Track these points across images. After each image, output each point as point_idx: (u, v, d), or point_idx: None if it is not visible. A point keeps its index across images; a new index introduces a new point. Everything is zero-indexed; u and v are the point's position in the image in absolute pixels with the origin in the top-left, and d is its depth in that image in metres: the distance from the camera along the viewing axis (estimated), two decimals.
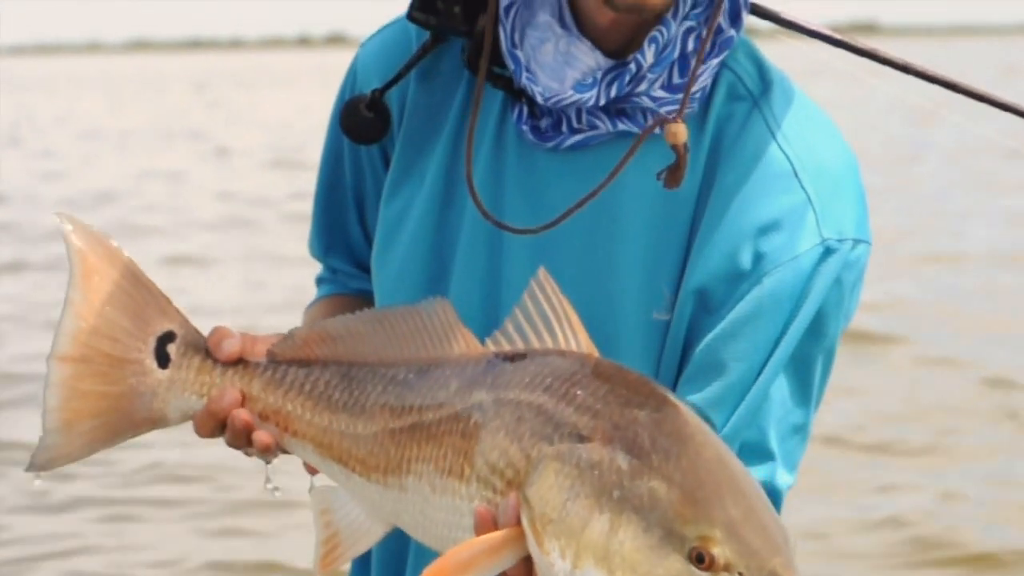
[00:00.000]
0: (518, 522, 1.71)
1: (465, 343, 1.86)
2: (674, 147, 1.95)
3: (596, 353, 1.81)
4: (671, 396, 1.76)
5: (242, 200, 17.57)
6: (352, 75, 2.24)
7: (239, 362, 1.98)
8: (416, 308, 1.90)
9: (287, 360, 1.96)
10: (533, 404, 1.74)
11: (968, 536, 6.00)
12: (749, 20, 2.10)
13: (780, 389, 2.02)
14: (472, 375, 1.82)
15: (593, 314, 1.96)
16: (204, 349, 1.98)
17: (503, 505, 1.74)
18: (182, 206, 17.11)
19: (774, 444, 2.03)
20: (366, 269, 2.27)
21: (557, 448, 1.70)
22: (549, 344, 1.80)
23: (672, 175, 1.96)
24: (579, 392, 1.73)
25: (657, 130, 1.99)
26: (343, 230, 2.31)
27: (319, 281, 2.39)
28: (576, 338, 1.80)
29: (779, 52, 2.24)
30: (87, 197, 18.02)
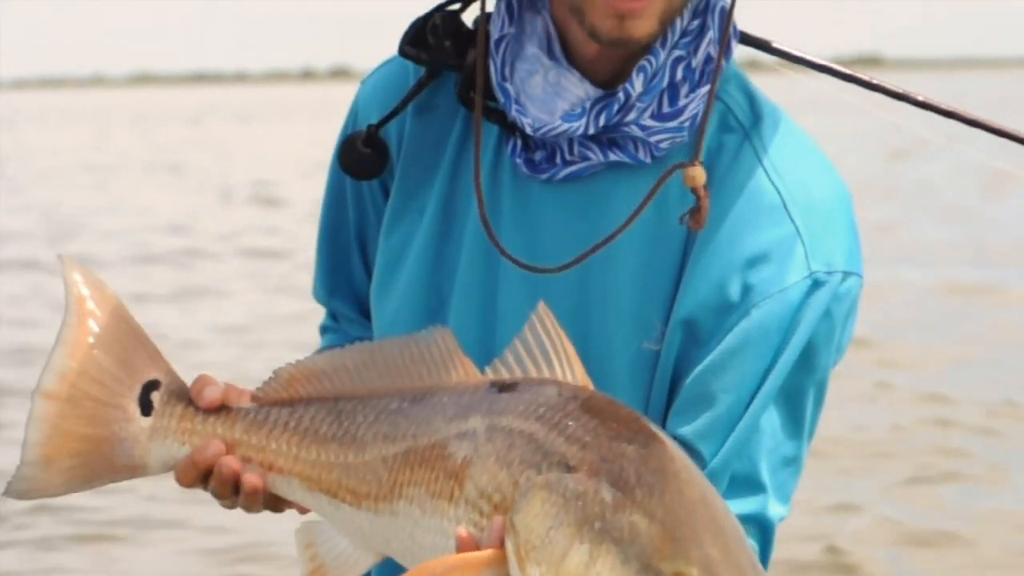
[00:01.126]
0: (501, 544, 1.73)
1: (464, 371, 1.88)
2: (694, 190, 1.98)
3: (591, 386, 1.83)
4: (660, 433, 1.77)
5: (200, 235, 17.50)
6: (353, 114, 2.25)
7: (221, 409, 1.98)
8: (415, 338, 1.91)
9: (271, 401, 1.97)
10: (525, 432, 1.76)
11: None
12: (751, 54, 2.14)
13: (771, 421, 2.02)
14: (469, 401, 1.84)
15: (586, 344, 1.99)
16: (187, 398, 1.99)
17: (488, 527, 1.75)
18: (138, 240, 17.03)
19: (766, 476, 2.02)
20: (368, 313, 2.27)
21: (545, 477, 1.72)
22: (547, 375, 1.82)
23: (695, 217, 1.98)
24: (570, 423, 1.74)
25: (647, 158, 2.04)
26: (347, 272, 2.31)
27: (323, 330, 2.39)
28: (572, 371, 1.82)
29: (778, 84, 2.16)
30: (50, 229, 18.03)
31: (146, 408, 1.99)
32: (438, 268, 2.15)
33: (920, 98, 2.20)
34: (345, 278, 2.32)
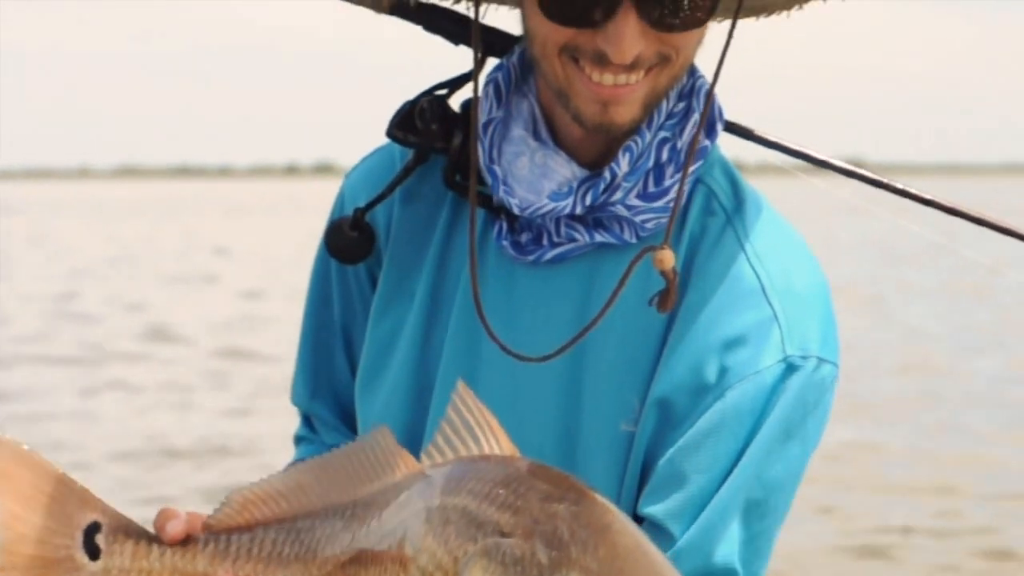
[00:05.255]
0: None
1: (404, 465, 1.88)
2: (662, 273, 1.96)
3: (518, 454, 1.83)
4: (590, 489, 1.77)
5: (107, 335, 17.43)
6: (340, 202, 2.25)
7: (180, 541, 1.93)
8: (356, 445, 1.90)
9: (229, 528, 1.94)
10: (458, 507, 1.77)
11: None
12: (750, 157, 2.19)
13: (744, 505, 2.00)
14: (406, 492, 1.84)
15: (566, 426, 2.03)
16: (135, 533, 1.95)
17: None
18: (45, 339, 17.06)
19: (738, 564, 2.01)
20: (347, 416, 2.29)
21: (483, 544, 1.72)
22: (475, 451, 1.83)
23: (663, 299, 1.98)
24: (501, 491, 1.75)
25: (632, 238, 2.05)
26: (330, 372, 2.30)
27: (297, 440, 2.37)
28: (498, 443, 1.83)
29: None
30: None
31: (93, 552, 1.95)
32: (426, 355, 2.16)
33: (895, 184, 2.23)
34: (327, 379, 2.31)
